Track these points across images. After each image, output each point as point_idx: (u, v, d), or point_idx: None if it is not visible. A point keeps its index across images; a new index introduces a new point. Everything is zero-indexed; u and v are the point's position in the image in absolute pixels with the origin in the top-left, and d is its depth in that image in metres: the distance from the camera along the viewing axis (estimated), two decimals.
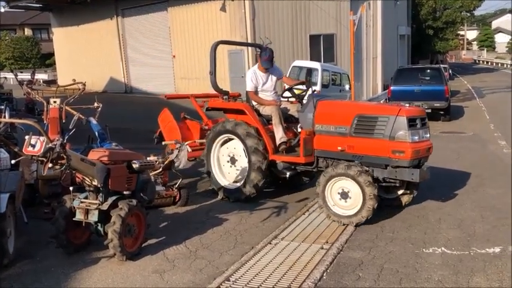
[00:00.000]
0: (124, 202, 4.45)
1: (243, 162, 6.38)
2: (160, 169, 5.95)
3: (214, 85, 6.80)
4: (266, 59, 6.50)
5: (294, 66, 17.39)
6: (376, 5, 23.36)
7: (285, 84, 7.25)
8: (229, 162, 6.56)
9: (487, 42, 74.58)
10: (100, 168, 4.42)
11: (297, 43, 20.02)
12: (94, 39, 23.55)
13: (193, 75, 20.39)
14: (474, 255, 4.63)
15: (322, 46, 20.86)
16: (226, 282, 4.05)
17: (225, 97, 6.79)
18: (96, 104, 7.48)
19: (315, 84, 16.64)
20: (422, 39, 36.72)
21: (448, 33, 38.46)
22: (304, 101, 6.36)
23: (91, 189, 4.51)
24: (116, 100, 18.18)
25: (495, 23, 79.25)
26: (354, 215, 5.35)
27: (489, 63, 56.70)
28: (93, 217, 4.45)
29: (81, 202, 4.50)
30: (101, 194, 4.50)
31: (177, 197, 6.21)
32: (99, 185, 4.44)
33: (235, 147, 6.45)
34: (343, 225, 5.39)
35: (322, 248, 4.78)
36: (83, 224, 4.52)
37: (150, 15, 21.34)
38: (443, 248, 4.80)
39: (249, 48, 18.16)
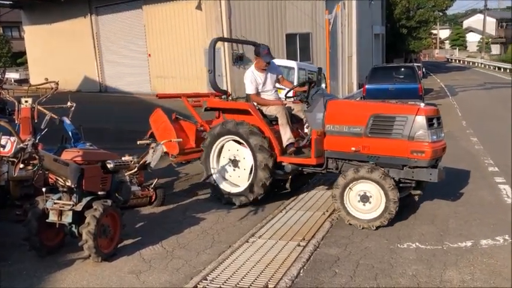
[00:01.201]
0: (99, 203, 4.39)
1: (246, 163, 6.13)
2: (136, 169, 5.88)
3: (214, 84, 6.59)
4: (266, 52, 6.29)
5: None
6: (351, 4, 23.62)
7: (280, 86, 6.98)
8: (231, 166, 6.27)
9: (458, 41, 76.24)
10: (74, 169, 4.35)
11: (274, 42, 20.06)
12: (67, 38, 23.10)
13: (169, 74, 20.23)
14: (447, 249, 4.73)
15: (298, 45, 20.97)
16: (203, 281, 4.03)
17: (223, 96, 6.58)
18: (69, 104, 7.33)
19: (292, 82, 16.73)
20: (396, 38, 37.31)
21: (421, 32, 39.14)
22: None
23: (65, 190, 4.43)
24: (90, 99, 17.89)
25: (466, 23, 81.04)
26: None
27: (461, 62, 57.98)
28: (67, 218, 4.38)
29: (55, 203, 4.41)
30: (74, 195, 4.43)
31: (153, 197, 6.16)
32: (72, 186, 4.37)
33: (238, 148, 6.21)
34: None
35: (299, 245, 4.81)
36: (57, 226, 4.45)
37: (125, 14, 21.07)
38: (417, 243, 4.89)
39: (226, 46, 18.13)
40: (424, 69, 31.33)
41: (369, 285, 3.95)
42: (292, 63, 17.42)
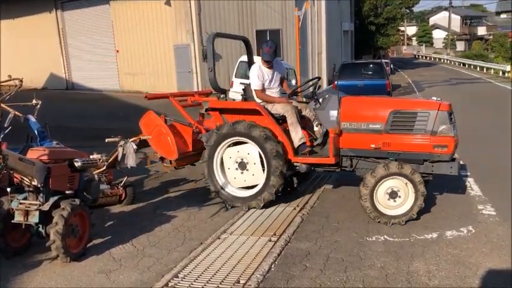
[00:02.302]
0: (66, 202, 4.31)
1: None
2: (104, 167, 5.81)
3: (214, 83, 6.22)
4: (267, 50, 6.02)
5: (241, 62, 17.42)
6: (320, 1, 23.83)
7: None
8: (238, 169, 5.91)
9: (425, 37, 78.03)
10: (40, 168, 4.25)
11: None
12: (32, 34, 22.51)
13: (139, 71, 19.98)
14: (414, 241, 4.86)
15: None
16: (174, 279, 4.02)
17: (222, 96, 6.29)
18: (34, 101, 7.14)
19: None
20: (365, 35, 37.91)
21: (389, 29, 39.93)
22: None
23: (31, 189, 4.33)
24: (57, 97, 17.50)
25: (432, 20, 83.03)
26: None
27: (428, 58, 59.41)
28: (34, 218, 4.28)
29: (20, 203, 4.30)
30: (41, 195, 4.33)
31: (123, 196, 6.08)
32: (39, 185, 4.27)
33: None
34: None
35: (270, 241, 4.85)
36: (23, 226, 4.34)
37: (91, 9, 20.69)
38: (385, 236, 5.00)
39: (196, 42, 18.02)
40: (392, 66, 31.98)
41: (339, 278, 4.02)
42: None
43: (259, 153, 5.77)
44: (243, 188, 6.00)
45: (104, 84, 20.45)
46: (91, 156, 5.19)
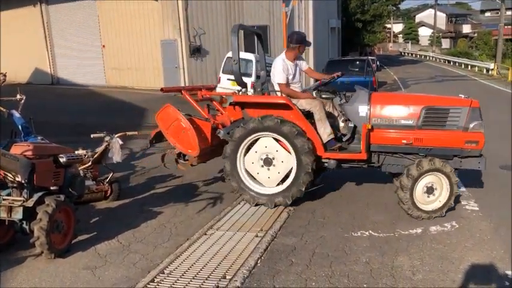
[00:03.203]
0: (51, 198, 4.27)
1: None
2: (90, 163, 5.77)
3: (238, 76, 6.02)
4: (304, 37, 6.01)
5: (228, 57, 17.37)
6: None
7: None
8: (263, 166, 5.73)
9: (411, 35, 78.67)
10: (24, 163, 4.21)
11: (231, 34, 20.01)
12: (16, 28, 22.15)
13: (125, 66, 19.81)
14: (398, 236, 4.92)
15: (256, 37, 21.02)
16: (160, 275, 4.01)
17: (243, 90, 6.12)
18: (19, 96, 7.05)
19: (250, 75, 16.78)
20: (352, 32, 38.05)
21: (375, 26, 40.14)
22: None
23: (14, 185, 4.28)
24: (42, 92, 17.28)
25: (418, 17, 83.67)
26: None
27: (413, 55, 59.85)
28: (17, 215, 4.23)
29: (4, 199, 4.25)
30: (25, 191, 4.28)
31: (109, 192, 6.04)
32: (23, 181, 4.22)
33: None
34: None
35: (256, 236, 4.87)
36: (6, 223, 4.29)
37: (77, 3, 20.42)
38: (370, 231, 5.05)
39: (183, 37, 17.92)
40: (378, 63, 32.14)
41: (324, 273, 4.05)
42: (250, 56, 17.44)
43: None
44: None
45: (90, 79, 20.22)
46: (76, 152, 5.15)
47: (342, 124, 5.96)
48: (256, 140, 5.76)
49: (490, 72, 35.25)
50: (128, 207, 5.96)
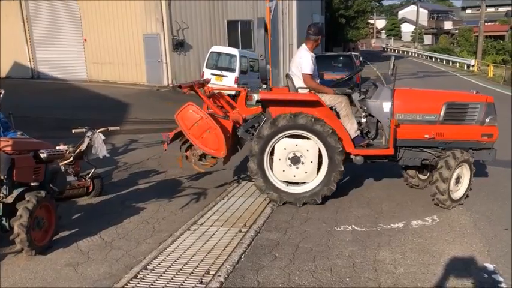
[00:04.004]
0: (31, 194, 4.21)
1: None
2: (71, 158, 5.70)
3: (264, 72, 5.87)
4: (319, 30, 5.93)
5: (212, 52, 17.30)
6: None
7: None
8: (291, 165, 5.60)
9: (394, 31, 79.34)
10: (3, 159, 4.13)
11: (215, 29, 19.92)
12: None
13: (107, 60, 19.58)
14: (381, 230, 4.97)
15: (239, 32, 20.95)
16: (143, 271, 3.99)
17: (264, 86, 5.90)
18: None
19: (234, 70, 16.74)
20: (335, 28, 38.21)
21: (359, 22, 40.40)
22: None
23: None
24: (21, 86, 16.96)
25: (401, 13, 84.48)
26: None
27: (396, 51, 60.40)
28: None
29: None
30: (4, 187, 4.21)
31: (90, 187, 5.97)
32: (2, 177, 4.15)
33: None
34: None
35: (240, 231, 4.87)
36: None
37: None
38: (353, 226, 5.10)
39: (166, 32, 17.77)
40: (361, 58, 32.35)
41: (308, 267, 4.07)
42: (234, 51, 17.40)
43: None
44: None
45: (71, 73, 19.92)
46: (57, 148, 5.08)
47: (363, 120, 5.90)
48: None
49: (470, 68, 35.80)
50: (110, 203, 5.90)
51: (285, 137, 5.59)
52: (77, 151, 5.72)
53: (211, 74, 16.79)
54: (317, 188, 5.60)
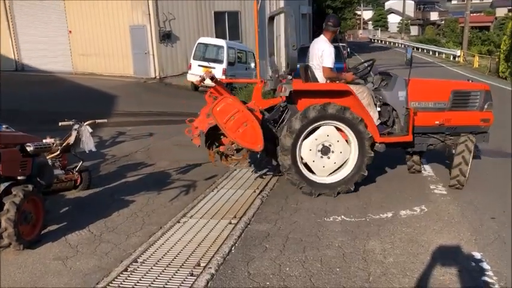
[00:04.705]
0: (18, 188, 4.15)
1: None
2: (58, 152, 5.63)
3: (294, 63, 5.89)
4: (338, 22, 6.20)
5: (199, 43, 17.19)
6: None
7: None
8: (322, 157, 5.69)
9: (381, 22, 79.58)
10: None
11: (202, 20, 19.76)
12: None
13: (92, 52, 19.34)
14: (370, 221, 5.01)
15: (227, 23, 20.82)
16: (133, 264, 3.97)
17: (289, 77, 5.93)
18: None
19: (221, 62, 16.66)
20: (322, 19, 38.15)
21: (346, 13, 40.42)
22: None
23: None
24: (6, 79, 16.67)
25: (388, 4, 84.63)
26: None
27: (383, 42, 60.62)
28: None
29: None
30: None
31: (78, 181, 5.91)
32: None
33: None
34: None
35: (230, 223, 4.87)
36: None
37: None
38: (342, 216, 5.13)
39: (152, 23, 17.59)
40: (348, 49, 32.41)
41: (298, 258, 4.09)
42: (221, 42, 17.31)
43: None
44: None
45: (56, 65, 19.63)
46: (44, 141, 5.01)
47: (378, 109, 6.03)
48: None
49: (456, 59, 36.11)
50: (98, 196, 5.85)
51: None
52: (64, 144, 5.66)
53: (199, 65, 16.71)
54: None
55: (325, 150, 5.70)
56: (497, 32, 49.42)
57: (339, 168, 5.81)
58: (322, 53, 5.91)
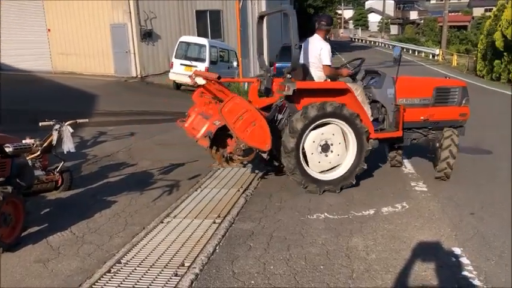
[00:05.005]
0: None
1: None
2: (39, 152, 5.54)
3: (296, 61, 5.87)
4: (331, 21, 6.37)
5: (181, 42, 17.09)
6: None
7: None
8: (322, 153, 5.78)
9: (361, 21, 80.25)
10: None
11: (183, 18, 19.65)
12: None
13: (72, 51, 19.07)
14: (352, 218, 5.06)
15: (209, 22, 20.74)
16: (117, 265, 3.93)
17: (289, 76, 5.76)
18: None
19: (204, 60, 16.59)
20: (304, 18, 38.30)
21: (327, 12, 40.61)
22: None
23: None
24: None
25: (368, 3, 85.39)
26: None
27: (364, 41, 61.12)
28: None
29: None
30: None
31: (59, 182, 5.83)
32: None
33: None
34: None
35: (214, 223, 4.86)
36: None
37: None
38: (326, 214, 5.17)
39: (133, 21, 17.42)
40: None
41: (282, 256, 4.11)
42: (203, 41, 17.23)
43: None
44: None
45: (35, 64, 19.28)
46: (23, 141, 4.92)
47: (369, 106, 6.19)
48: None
49: (435, 57, 36.65)
50: (80, 197, 5.78)
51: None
52: (44, 144, 5.57)
53: (181, 64, 16.61)
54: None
55: (325, 148, 5.82)
56: (474, 32, 50.34)
57: (330, 169, 5.90)
58: (320, 52, 6.02)
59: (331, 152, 5.83)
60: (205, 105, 6.09)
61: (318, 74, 6.12)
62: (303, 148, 5.73)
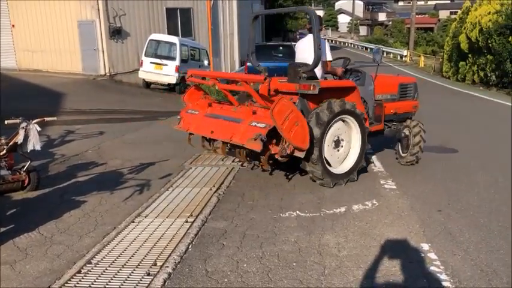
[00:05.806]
0: None
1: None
2: (4, 151, 5.38)
3: (318, 61, 5.98)
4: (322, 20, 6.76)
5: (151, 40, 16.90)
6: None
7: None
8: (335, 148, 6.10)
9: (331, 22, 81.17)
10: None
11: (153, 16, 19.44)
12: None
13: (38, 48, 18.59)
14: (324, 216, 5.12)
15: (179, 20, 20.58)
16: (87, 265, 3.86)
17: (304, 75, 5.93)
18: None
19: (174, 59, 16.45)
20: (274, 17, 38.47)
21: (297, 12, 40.88)
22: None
23: None
24: None
25: (338, 4, 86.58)
26: None
27: (333, 42, 61.85)
28: None
29: None
30: None
31: (26, 181, 5.66)
32: None
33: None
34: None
35: (186, 222, 4.83)
36: None
37: None
38: (297, 212, 5.21)
39: (102, 18, 17.11)
40: None
41: (255, 254, 4.12)
42: (174, 39, 17.09)
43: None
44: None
45: None
46: None
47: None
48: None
49: (403, 58, 37.47)
50: (48, 197, 5.64)
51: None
52: (10, 143, 5.41)
53: (151, 62, 16.43)
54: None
55: (337, 143, 6.16)
56: (440, 33, 51.73)
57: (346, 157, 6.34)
58: (324, 49, 6.27)
59: (342, 147, 6.20)
60: (208, 107, 6.38)
61: (318, 72, 6.34)
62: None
